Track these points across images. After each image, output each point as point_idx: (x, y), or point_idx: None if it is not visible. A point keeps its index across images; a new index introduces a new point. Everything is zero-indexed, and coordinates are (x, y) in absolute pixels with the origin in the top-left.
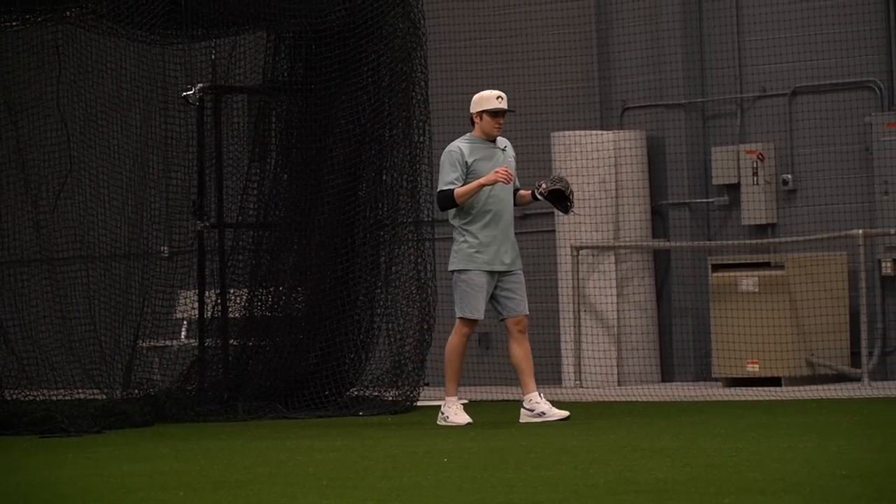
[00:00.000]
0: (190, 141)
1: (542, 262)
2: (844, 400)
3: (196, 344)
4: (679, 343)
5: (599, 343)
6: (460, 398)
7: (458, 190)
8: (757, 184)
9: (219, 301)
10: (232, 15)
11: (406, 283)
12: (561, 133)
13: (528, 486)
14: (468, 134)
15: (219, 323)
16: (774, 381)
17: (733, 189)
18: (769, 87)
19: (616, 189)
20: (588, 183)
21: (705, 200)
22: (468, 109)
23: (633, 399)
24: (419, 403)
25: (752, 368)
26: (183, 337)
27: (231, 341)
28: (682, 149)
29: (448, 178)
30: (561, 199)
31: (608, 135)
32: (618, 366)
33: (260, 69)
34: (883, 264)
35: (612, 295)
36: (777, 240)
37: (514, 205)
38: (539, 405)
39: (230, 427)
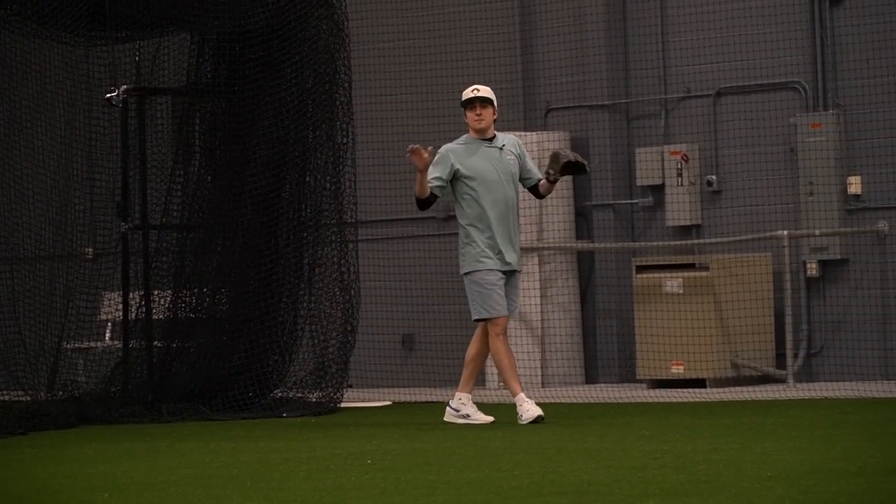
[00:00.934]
0: (114, 143)
1: None
2: (769, 401)
3: (120, 345)
4: (603, 345)
5: (523, 345)
6: (385, 400)
7: (417, 190)
8: (681, 185)
9: (143, 303)
10: (156, 16)
11: (329, 284)
12: None
13: (451, 488)
14: (464, 136)
15: (143, 324)
16: (699, 383)
17: (657, 190)
18: (693, 87)
19: None
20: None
21: (629, 202)
22: (392, 111)
23: (558, 401)
24: (343, 405)
25: (677, 370)
26: (107, 338)
27: (155, 343)
28: (606, 150)
29: (430, 176)
30: (575, 169)
31: (532, 136)
32: (542, 367)
33: (184, 71)
34: (808, 265)
35: (535, 297)
36: (702, 241)
37: (540, 196)
38: (464, 407)
39: (155, 428)
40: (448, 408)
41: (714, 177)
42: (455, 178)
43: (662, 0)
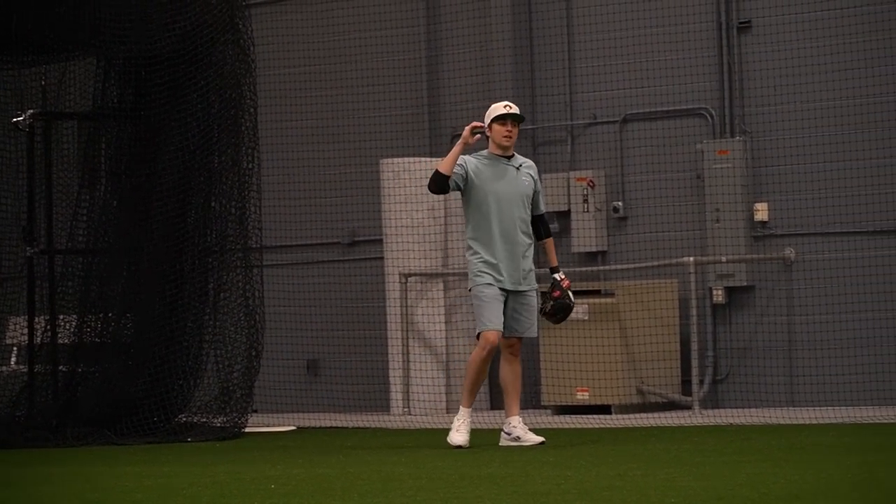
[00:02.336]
0: (20, 167)
1: (370, 289)
2: (675, 428)
3: (25, 370)
4: None
5: (428, 370)
6: (289, 425)
7: (440, 163)
8: (587, 211)
9: (48, 327)
10: (62, 41)
11: (234, 309)
12: (390, 160)
13: None
14: (483, 151)
15: (48, 349)
16: (604, 409)
17: (563, 216)
18: (600, 114)
19: (445, 216)
20: (417, 210)
21: None
22: (297, 136)
23: None
24: (247, 430)
25: (582, 396)
26: (12, 363)
27: (60, 367)
28: None
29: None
30: (560, 312)
31: (437, 161)
32: (446, 393)
33: (90, 95)
34: (714, 292)
35: (440, 322)
36: (607, 267)
37: (538, 238)
38: (515, 430)
39: (59, 453)
40: (502, 433)
41: (620, 203)
42: (469, 188)
43: (569, 26)
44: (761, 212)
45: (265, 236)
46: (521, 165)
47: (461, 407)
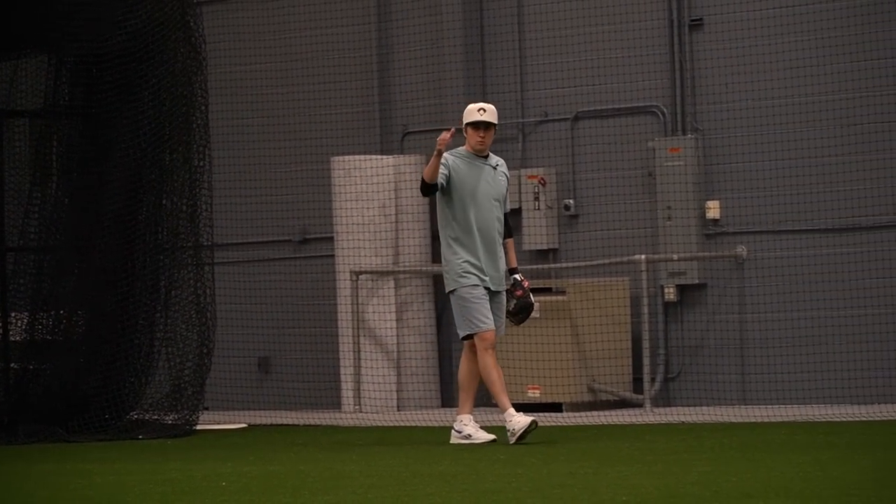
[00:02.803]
0: None
1: (321, 287)
2: (626, 426)
3: None
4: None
5: (379, 368)
6: (240, 423)
7: (425, 170)
8: (538, 209)
9: (0, 324)
10: (13, 38)
11: (186, 307)
12: (341, 158)
13: None
14: (461, 147)
15: (0, 346)
16: (556, 407)
17: (515, 214)
18: (551, 111)
19: (396, 214)
20: (368, 208)
21: None
22: (248, 134)
23: (413, 424)
24: (198, 427)
25: (534, 394)
26: None
27: (12, 365)
28: None
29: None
30: (523, 311)
31: (388, 159)
32: (397, 391)
33: (41, 93)
34: (666, 290)
35: (391, 320)
36: (559, 265)
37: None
38: (466, 427)
39: (10, 451)
40: (452, 431)
41: (572, 201)
42: (451, 187)
43: (520, 24)
44: (713, 209)
45: (216, 234)
46: (497, 165)
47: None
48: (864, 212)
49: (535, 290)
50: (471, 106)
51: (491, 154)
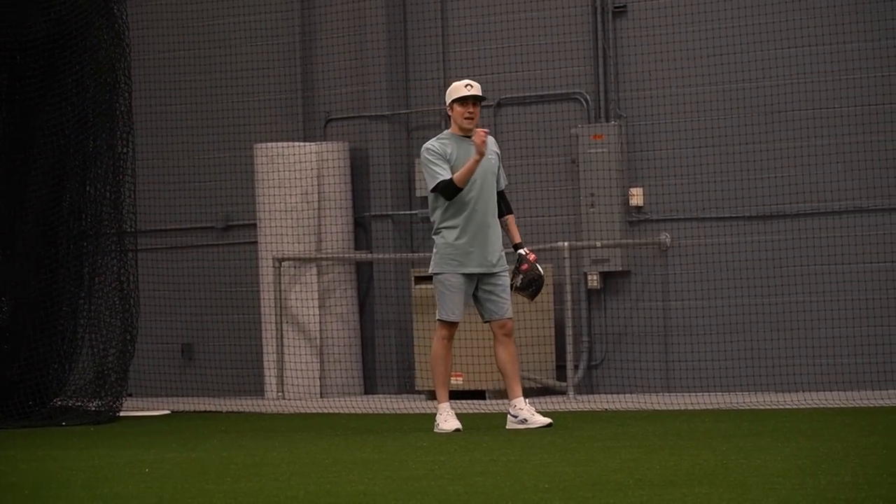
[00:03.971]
0: None
1: (244, 274)
2: (549, 413)
3: None
4: (382, 355)
5: (302, 355)
6: (163, 409)
7: (456, 175)
8: None
9: None
10: None
11: (109, 293)
12: (264, 144)
13: (228, 498)
14: (444, 132)
15: None
16: (479, 395)
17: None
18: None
19: (319, 201)
20: (291, 195)
21: (409, 212)
22: (172, 120)
23: (336, 411)
24: (122, 414)
25: (456, 381)
26: None
27: None
28: (386, 160)
29: (438, 170)
30: (531, 285)
31: (311, 146)
32: (320, 378)
33: None
34: (589, 277)
35: (314, 307)
36: None
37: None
38: (522, 412)
39: None
40: (508, 415)
41: None
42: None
43: (443, 10)
44: (636, 196)
45: (140, 220)
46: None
47: (438, 404)
48: (787, 199)
49: None
50: (456, 83)
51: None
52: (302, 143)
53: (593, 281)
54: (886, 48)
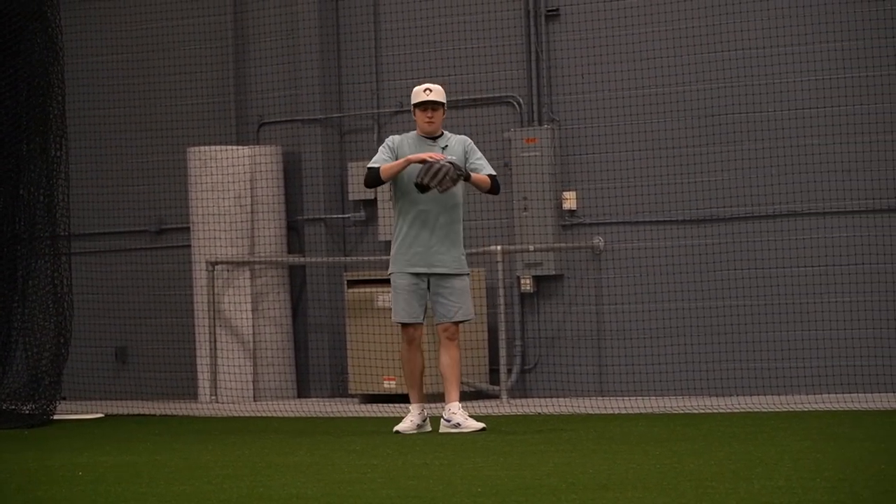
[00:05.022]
0: None
1: (177, 277)
2: (482, 417)
3: None
4: (315, 359)
5: (235, 358)
6: (97, 413)
7: (384, 165)
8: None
9: None
10: None
11: (43, 297)
12: (197, 148)
13: (161, 501)
14: (413, 131)
15: None
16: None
17: (370, 205)
18: (406, 102)
19: (252, 204)
20: (224, 198)
21: (341, 216)
22: (105, 124)
23: (269, 414)
24: (55, 417)
25: (389, 385)
26: None
27: None
28: (319, 164)
29: (376, 157)
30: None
31: (244, 150)
32: (253, 381)
33: None
34: (522, 281)
35: (247, 310)
36: None
37: (484, 191)
38: (455, 416)
39: None
40: (441, 419)
41: None
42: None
43: (376, 15)
44: (569, 200)
45: (73, 224)
46: (446, 146)
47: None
48: (720, 203)
49: (389, 282)
50: (417, 88)
51: (446, 133)
52: (235, 147)
53: (526, 285)
54: (821, 51)
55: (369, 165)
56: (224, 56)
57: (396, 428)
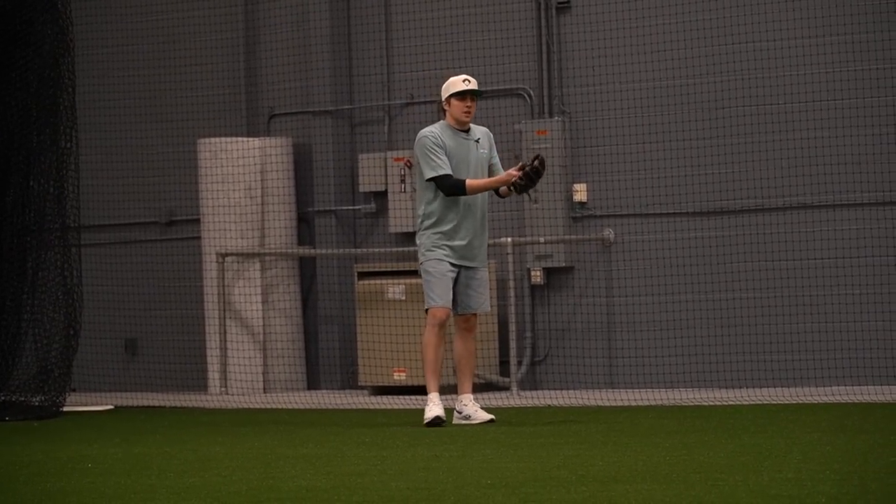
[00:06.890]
0: None
1: (187, 269)
2: (492, 409)
3: None
4: (325, 351)
5: (245, 350)
6: (107, 404)
7: (471, 182)
8: (404, 191)
9: None
10: None
11: (53, 288)
12: (207, 140)
13: (170, 493)
14: (439, 122)
15: None
16: (421, 390)
17: (380, 196)
18: (417, 94)
19: (262, 196)
20: (234, 190)
21: (352, 208)
22: (116, 115)
23: (279, 406)
24: (65, 409)
25: (399, 377)
26: None
27: None
28: (329, 156)
29: (440, 162)
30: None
31: (255, 141)
32: (263, 373)
33: None
34: (532, 273)
35: (257, 302)
36: None
37: (500, 196)
38: (466, 408)
39: None
40: (454, 411)
41: None
42: None
43: (387, 6)
44: (580, 192)
45: (83, 215)
46: (478, 139)
47: (428, 393)
48: (731, 195)
49: (401, 273)
50: (453, 78)
51: (472, 126)
52: (245, 139)
53: (537, 277)
54: (831, 44)
55: (440, 173)
56: (235, 47)
57: (429, 418)
